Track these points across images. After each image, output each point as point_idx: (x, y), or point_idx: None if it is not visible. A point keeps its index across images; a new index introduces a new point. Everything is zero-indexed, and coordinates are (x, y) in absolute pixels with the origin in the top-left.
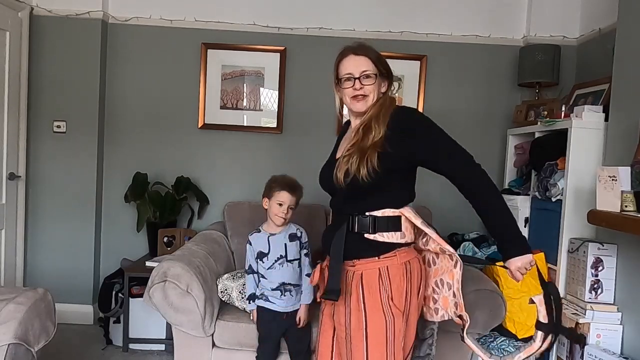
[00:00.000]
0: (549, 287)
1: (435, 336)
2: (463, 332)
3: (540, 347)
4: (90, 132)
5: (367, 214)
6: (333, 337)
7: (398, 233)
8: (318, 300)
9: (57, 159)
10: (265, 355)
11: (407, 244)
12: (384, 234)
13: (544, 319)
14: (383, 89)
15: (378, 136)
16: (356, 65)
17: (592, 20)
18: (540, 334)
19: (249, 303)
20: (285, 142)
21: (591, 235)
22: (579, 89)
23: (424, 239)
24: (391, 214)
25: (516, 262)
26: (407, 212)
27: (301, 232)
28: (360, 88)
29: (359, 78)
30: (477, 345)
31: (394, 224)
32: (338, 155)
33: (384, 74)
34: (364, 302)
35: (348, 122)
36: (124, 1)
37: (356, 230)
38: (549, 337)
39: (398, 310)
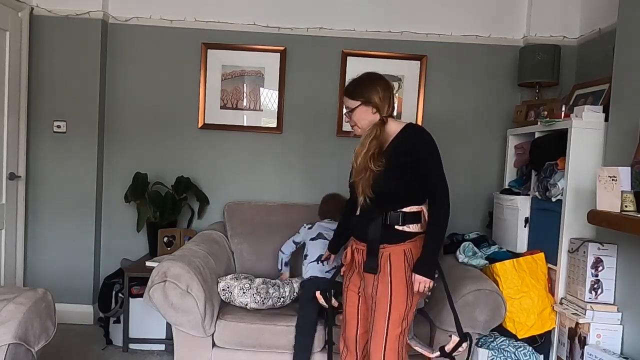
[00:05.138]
0: (468, 337)
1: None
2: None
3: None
4: (90, 132)
5: (398, 210)
6: (358, 307)
7: (418, 224)
8: (342, 273)
9: (57, 159)
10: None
11: (423, 232)
12: (410, 225)
13: (448, 349)
14: (374, 112)
15: (367, 162)
16: (345, 103)
17: (592, 20)
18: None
19: None
20: (285, 142)
21: (591, 235)
22: (579, 89)
23: None
24: (416, 210)
25: (419, 279)
26: (425, 208)
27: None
28: (349, 120)
29: (346, 114)
30: (420, 345)
31: (417, 217)
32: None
33: (367, 102)
34: (390, 276)
35: None
36: (124, 1)
37: (388, 223)
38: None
39: None
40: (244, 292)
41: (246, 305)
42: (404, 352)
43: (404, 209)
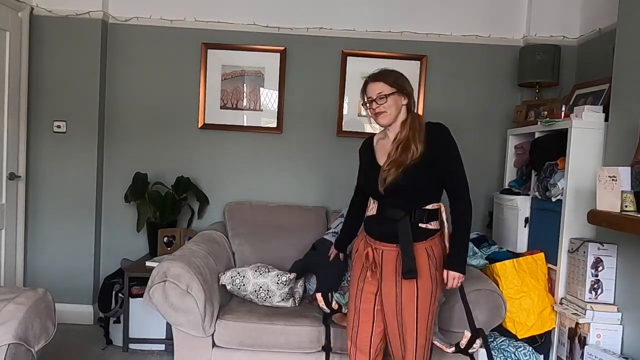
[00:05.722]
0: (479, 332)
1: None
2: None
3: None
4: (90, 132)
5: (422, 208)
6: (374, 308)
7: (437, 221)
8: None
9: (57, 159)
10: None
11: (439, 230)
12: (432, 222)
13: (462, 345)
14: (404, 102)
15: (416, 153)
16: (373, 90)
17: (592, 20)
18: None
19: None
20: (285, 142)
21: (591, 235)
22: (579, 89)
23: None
24: (436, 207)
25: (453, 274)
26: (442, 205)
27: None
28: (377, 107)
29: (375, 99)
30: (438, 339)
31: (436, 214)
32: (382, 164)
33: (401, 91)
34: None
35: (370, 138)
36: (124, 1)
37: (413, 221)
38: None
39: (440, 279)
40: (260, 274)
41: (250, 301)
42: (431, 346)
43: (427, 207)
